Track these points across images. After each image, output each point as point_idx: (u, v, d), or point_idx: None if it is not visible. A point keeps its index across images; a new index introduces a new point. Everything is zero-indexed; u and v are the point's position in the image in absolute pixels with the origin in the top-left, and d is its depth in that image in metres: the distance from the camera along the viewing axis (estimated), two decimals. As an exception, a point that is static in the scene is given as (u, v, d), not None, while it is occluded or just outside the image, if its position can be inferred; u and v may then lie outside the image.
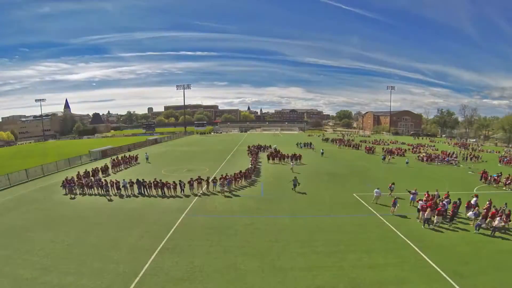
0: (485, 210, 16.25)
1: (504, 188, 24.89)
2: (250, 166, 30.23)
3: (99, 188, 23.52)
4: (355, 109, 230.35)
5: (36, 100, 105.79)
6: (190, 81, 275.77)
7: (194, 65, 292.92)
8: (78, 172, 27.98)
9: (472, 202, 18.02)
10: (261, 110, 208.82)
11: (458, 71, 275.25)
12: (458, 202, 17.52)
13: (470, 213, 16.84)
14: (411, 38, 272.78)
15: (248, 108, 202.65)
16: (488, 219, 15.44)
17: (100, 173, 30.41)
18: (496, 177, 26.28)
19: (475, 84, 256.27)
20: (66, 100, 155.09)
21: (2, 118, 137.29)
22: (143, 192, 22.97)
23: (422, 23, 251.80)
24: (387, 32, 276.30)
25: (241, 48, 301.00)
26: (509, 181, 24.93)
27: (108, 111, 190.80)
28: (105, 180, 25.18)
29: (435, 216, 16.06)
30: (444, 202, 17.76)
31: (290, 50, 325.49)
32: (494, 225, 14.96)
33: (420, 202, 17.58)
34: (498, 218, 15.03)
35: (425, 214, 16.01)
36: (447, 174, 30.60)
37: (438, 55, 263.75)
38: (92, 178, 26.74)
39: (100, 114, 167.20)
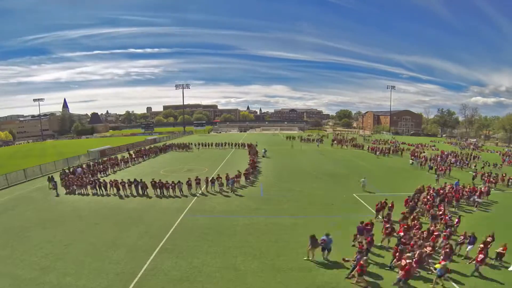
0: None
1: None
2: (248, 166, 30.11)
3: (98, 188, 23.42)
4: (340, 109, 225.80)
5: (34, 100, 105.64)
6: (161, 80, 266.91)
7: (154, 63, 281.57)
8: (72, 168, 27.79)
9: None
10: (260, 109, 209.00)
11: (443, 63, 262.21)
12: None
13: None
14: (383, 25, 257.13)
15: (248, 108, 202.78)
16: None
17: (99, 173, 30.31)
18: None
19: (463, 78, 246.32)
20: (65, 99, 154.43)
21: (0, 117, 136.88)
22: (140, 192, 22.89)
23: (392, 7, 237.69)
24: (349, 19, 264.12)
25: (191, 43, 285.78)
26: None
27: (107, 111, 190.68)
28: (104, 180, 25.12)
29: None
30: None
31: (248, 44, 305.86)
32: None
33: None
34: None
35: None
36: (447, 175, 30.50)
37: (417, 45, 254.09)
38: (91, 177, 26.67)
39: (99, 113, 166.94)
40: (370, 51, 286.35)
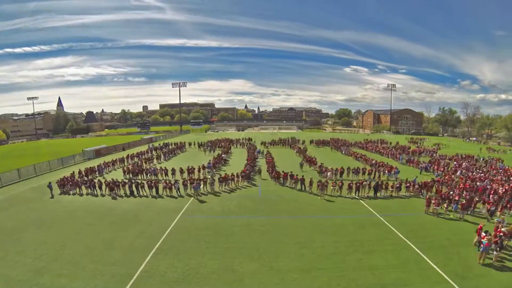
0: None
1: None
2: (246, 165, 29.93)
3: (93, 188, 23.11)
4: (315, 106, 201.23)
5: (28, 98, 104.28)
6: (94, 81, 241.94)
7: (57, 62, 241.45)
8: (73, 171, 27.53)
9: None
10: (258, 108, 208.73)
11: (400, 42, 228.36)
12: None
13: None
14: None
15: (246, 107, 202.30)
16: None
17: (96, 173, 29.88)
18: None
19: (433, 63, 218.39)
20: (59, 98, 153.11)
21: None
22: (135, 192, 22.63)
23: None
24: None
25: (63, 38, 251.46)
26: None
27: (102, 109, 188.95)
28: (99, 180, 24.81)
29: None
30: None
31: (125, 33, 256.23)
32: None
33: None
34: None
35: None
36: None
37: (357, 21, 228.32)
38: (85, 177, 26.35)
39: (94, 112, 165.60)
40: (291, 29, 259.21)
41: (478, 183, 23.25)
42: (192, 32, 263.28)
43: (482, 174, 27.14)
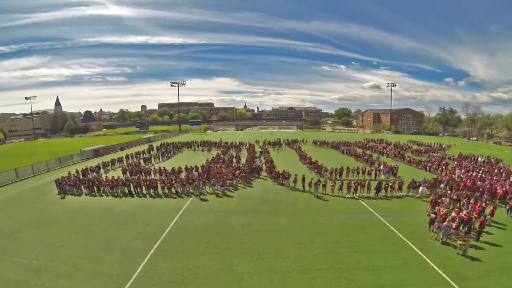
0: None
1: None
2: (245, 165, 29.86)
3: (91, 188, 22.99)
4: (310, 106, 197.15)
5: (26, 98, 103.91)
6: (72, 81, 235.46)
7: (23, 63, 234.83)
8: (69, 171, 27.39)
9: None
10: (257, 108, 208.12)
11: (382, 34, 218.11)
12: None
13: None
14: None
15: (245, 106, 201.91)
16: None
17: (94, 173, 29.74)
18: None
19: (422, 58, 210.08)
20: (57, 97, 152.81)
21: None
22: (133, 192, 22.55)
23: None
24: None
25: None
26: None
27: (100, 109, 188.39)
28: (98, 179, 24.69)
29: None
30: None
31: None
32: None
33: None
34: None
35: None
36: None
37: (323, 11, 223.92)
38: (83, 177, 26.21)
39: (92, 112, 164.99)
40: (256, 21, 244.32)
41: (478, 183, 23.23)
42: (148, 28, 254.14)
43: (482, 174, 27.15)
